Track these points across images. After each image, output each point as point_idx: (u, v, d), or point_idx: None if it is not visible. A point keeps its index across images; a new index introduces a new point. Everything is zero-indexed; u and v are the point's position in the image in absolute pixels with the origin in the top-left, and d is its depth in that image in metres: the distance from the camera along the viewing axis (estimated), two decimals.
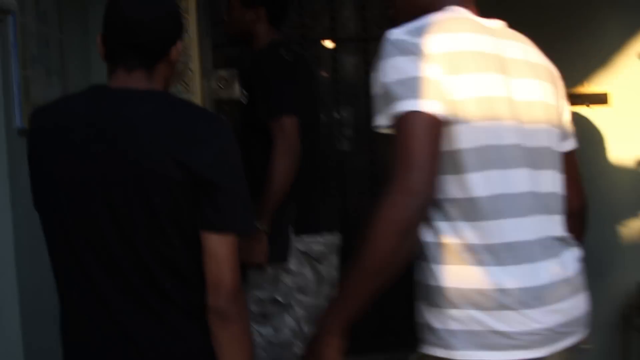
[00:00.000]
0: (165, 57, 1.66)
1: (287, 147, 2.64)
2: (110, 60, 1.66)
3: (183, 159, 1.53)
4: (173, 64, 1.70)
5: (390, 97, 1.50)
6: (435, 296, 1.55)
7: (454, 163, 1.53)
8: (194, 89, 3.53)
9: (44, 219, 1.65)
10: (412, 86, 1.49)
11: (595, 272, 1.85)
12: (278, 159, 2.64)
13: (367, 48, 4.06)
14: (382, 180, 4.02)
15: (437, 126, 1.49)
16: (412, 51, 1.52)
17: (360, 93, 4.08)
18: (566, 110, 1.78)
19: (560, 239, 1.65)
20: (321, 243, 2.80)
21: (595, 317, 1.76)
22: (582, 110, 3.71)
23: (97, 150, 1.56)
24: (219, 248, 1.58)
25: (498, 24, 1.70)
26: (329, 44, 4.11)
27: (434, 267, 1.55)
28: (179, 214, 1.56)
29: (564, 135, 1.75)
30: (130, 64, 1.62)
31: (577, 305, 1.63)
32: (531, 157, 1.61)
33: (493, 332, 1.52)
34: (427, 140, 1.47)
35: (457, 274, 1.52)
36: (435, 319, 1.56)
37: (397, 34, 1.55)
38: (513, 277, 1.52)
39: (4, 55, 2.33)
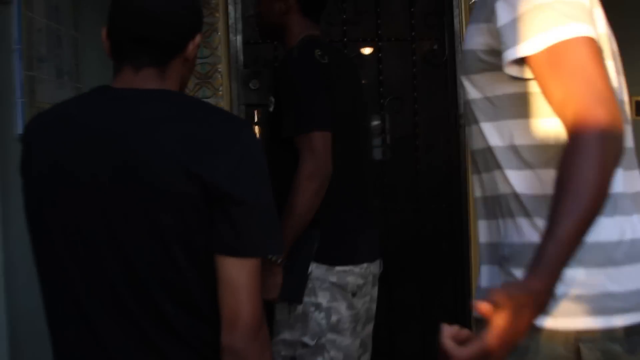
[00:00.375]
0: (180, 52, 1.50)
1: (315, 168, 2.32)
2: (116, 57, 1.50)
3: (196, 170, 1.36)
4: (190, 61, 1.54)
5: (552, 19, 1.33)
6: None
7: None
8: (222, 92, 3.38)
9: (34, 240, 1.50)
10: (579, 9, 1.35)
11: None
12: (303, 181, 2.32)
13: (414, 49, 3.86)
14: (424, 193, 3.81)
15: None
16: None
17: (406, 97, 3.87)
18: None
19: None
20: (358, 274, 2.48)
21: None
22: None
23: (94, 163, 1.41)
24: (237, 275, 1.40)
25: None
26: (372, 44, 3.89)
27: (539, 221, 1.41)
28: (190, 235, 1.39)
29: None
30: (138, 61, 1.47)
31: None
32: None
33: (604, 294, 1.38)
34: (605, 70, 1.33)
35: None
36: None
37: None
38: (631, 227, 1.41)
39: (3, 52, 2.19)
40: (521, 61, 1.38)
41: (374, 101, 3.76)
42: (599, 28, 1.45)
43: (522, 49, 1.35)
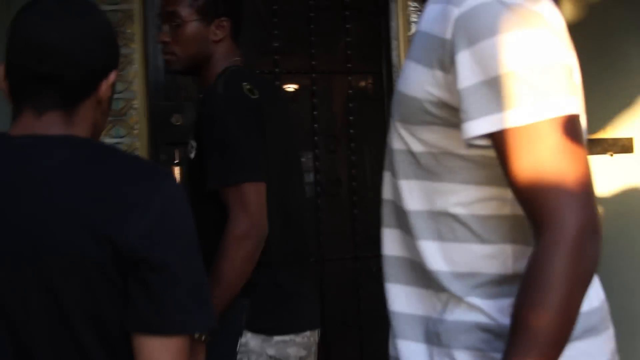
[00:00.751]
0: (91, 93, 1.34)
1: (248, 227, 2.00)
2: (15, 99, 1.33)
3: (104, 231, 1.19)
4: (103, 102, 1.37)
5: (528, 92, 1.14)
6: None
7: None
8: (138, 130, 3.10)
9: None
10: (561, 76, 1.16)
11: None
12: (234, 243, 1.99)
13: (350, 82, 3.65)
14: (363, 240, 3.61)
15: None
16: (541, 23, 1.18)
17: (341, 134, 3.69)
18: None
19: None
20: (300, 345, 2.17)
21: None
22: (604, 158, 3.49)
23: None
24: (159, 358, 1.22)
25: None
26: (305, 76, 3.67)
27: None
28: (100, 312, 1.22)
29: None
30: (40, 104, 1.30)
31: None
32: None
33: None
34: (585, 155, 1.17)
35: None
36: None
37: None
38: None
39: None
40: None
41: (307, 139, 3.53)
42: (577, 79, 1.28)
43: (488, 125, 1.16)
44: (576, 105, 1.17)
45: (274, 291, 2.15)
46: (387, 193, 1.43)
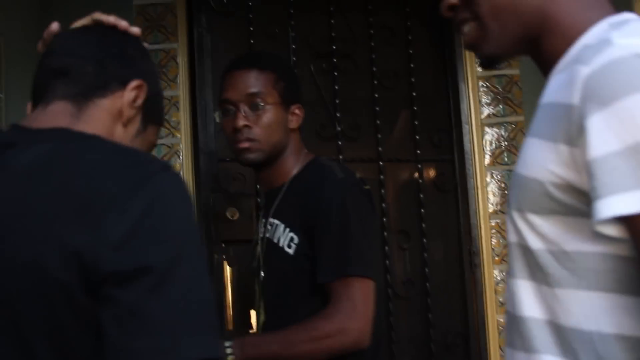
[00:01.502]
0: (106, 93, 1.24)
1: (355, 332, 1.83)
2: (33, 105, 1.26)
3: (73, 243, 1.00)
4: (123, 115, 1.25)
5: None
6: None
7: None
8: None
9: None
10: None
11: None
12: (330, 329, 1.83)
13: (420, 170, 3.40)
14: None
15: None
16: None
17: (412, 229, 3.37)
18: None
19: None
20: None
21: None
22: None
23: None
24: None
25: None
26: (372, 165, 3.40)
27: None
28: (69, 346, 1.02)
29: None
30: (49, 94, 1.23)
31: None
32: None
33: None
34: None
35: None
36: None
37: None
38: None
39: None
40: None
41: (376, 235, 3.24)
42: None
43: (623, 204, 0.96)
44: None
45: None
46: (508, 300, 1.22)
